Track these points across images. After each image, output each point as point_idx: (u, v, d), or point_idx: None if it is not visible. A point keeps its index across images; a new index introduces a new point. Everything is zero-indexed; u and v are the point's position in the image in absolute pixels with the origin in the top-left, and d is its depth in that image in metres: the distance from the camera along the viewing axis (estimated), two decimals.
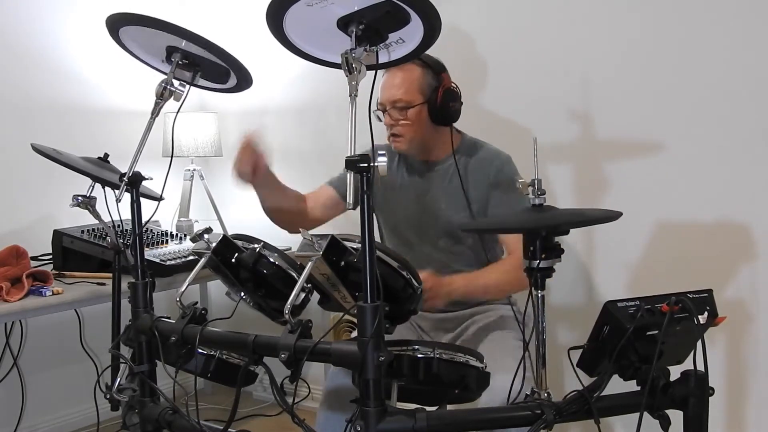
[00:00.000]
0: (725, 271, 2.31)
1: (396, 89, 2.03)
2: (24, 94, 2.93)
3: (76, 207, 1.83)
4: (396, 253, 1.49)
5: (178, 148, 3.13)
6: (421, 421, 1.33)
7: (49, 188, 2.93)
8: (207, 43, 1.76)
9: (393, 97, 2.04)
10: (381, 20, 1.41)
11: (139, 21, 1.76)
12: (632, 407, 1.41)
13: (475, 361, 1.52)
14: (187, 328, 1.58)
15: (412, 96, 2.03)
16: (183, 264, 2.61)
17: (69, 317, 2.91)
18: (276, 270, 1.55)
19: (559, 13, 2.54)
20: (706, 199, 2.32)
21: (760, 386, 2.31)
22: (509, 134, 2.17)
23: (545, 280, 1.45)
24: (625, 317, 1.39)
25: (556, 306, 2.56)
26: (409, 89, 2.03)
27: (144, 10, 1.77)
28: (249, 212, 3.51)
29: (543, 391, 1.45)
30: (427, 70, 2.04)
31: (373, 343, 1.30)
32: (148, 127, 1.80)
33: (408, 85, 2.03)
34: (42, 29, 2.98)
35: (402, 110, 2.04)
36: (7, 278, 2.29)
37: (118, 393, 1.75)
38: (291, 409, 1.40)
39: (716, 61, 2.27)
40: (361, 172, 1.30)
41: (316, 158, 3.24)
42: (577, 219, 1.58)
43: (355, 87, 1.38)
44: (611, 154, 2.47)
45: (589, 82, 2.48)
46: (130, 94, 3.24)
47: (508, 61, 2.62)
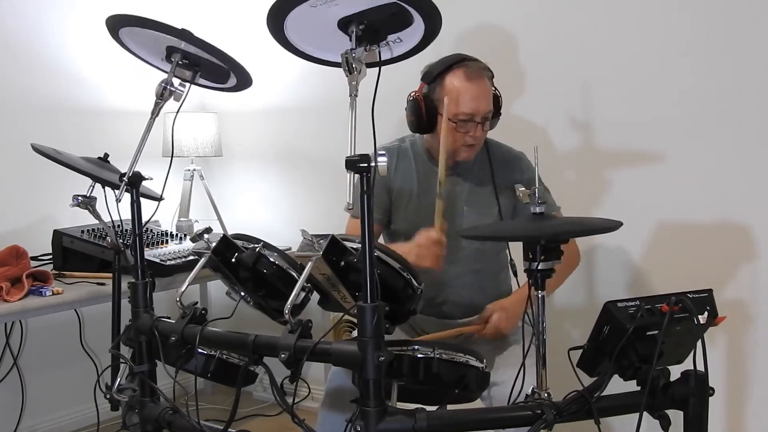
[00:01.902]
0: (725, 271, 2.31)
1: (482, 101, 1.98)
2: (24, 94, 2.93)
3: (76, 207, 1.83)
4: (396, 254, 1.49)
5: (178, 148, 3.13)
6: (421, 421, 1.33)
7: (49, 188, 2.93)
8: (205, 45, 1.76)
9: (485, 109, 1.99)
10: (385, 22, 1.41)
11: (138, 23, 1.76)
12: (632, 407, 1.41)
13: (475, 361, 1.52)
14: (187, 328, 1.58)
15: (491, 104, 2.02)
16: (183, 264, 2.61)
17: (69, 317, 2.91)
18: (276, 270, 1.55)
19: (557, 21, 2.55)
20: (706, 199, 2.32)
21: (760, 386, 2.31)
22: (510, 137, 2.17)
23: (545, 281, 1.45)
24: (625, 317, 1.39)
25: (557, 306, 2.56)
26: (490, 98, 2.01)
27: (144, 10, 1.77)
28: (249, 212, 3.54)
29: (543, 391, 1.45)
30: (490, 76, 2.04)
31: (373, 343, 1.30)
32: (148, 127, 1.80)
33: (489, 94, 2.01)
34: (41, 29, 2.98)
35: (484, 121, 2.01)
36: (7, 278, 2.29)
37: (118, 393, 1.75)
38: (291, 409, 1.40)
39: (716, 61, 2.27)
40: (360, 172, 1.30)
41: (317, 158, 3.24)
42: (577, 229, 1.57)
43: (355, 87, 1.38)
44: (612, 154, 2.47)
45: (590, 86, 2.49)
46: (129, 94, 3.24)
47: (509, 66, 2.63)
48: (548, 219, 1.52)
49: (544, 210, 1.51)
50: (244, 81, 1.90)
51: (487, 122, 2.02)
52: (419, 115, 2.01)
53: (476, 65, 2.00)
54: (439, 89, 2.00)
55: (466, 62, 2.00)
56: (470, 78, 1.97)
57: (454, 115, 1.97)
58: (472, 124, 1.99)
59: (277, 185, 3.43)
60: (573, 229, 1.55)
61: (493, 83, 2.04)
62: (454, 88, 1.97)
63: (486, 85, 2.01)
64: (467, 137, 2.00)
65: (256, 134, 3.45)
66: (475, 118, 1.98)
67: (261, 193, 3.48)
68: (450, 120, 1.97)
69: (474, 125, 1.99)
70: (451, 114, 1.97)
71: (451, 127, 1.98)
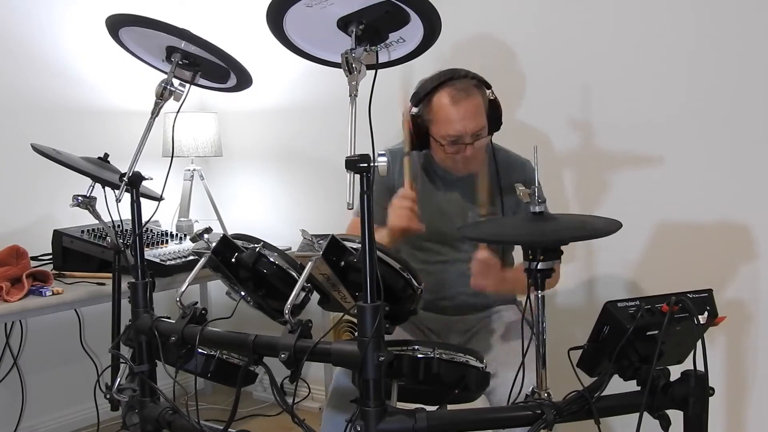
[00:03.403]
0: (725, 271, 2.31)
1: (468, 121, 1.93)
2: (24, 94, 2.93)
3: (76, 207, 1.83)
4: (396, 254, 1.49)
5: (178, 148, 3.13)
6: (421, 421, 1.34)
7: (49, 188, 2.93)
8: (206, 44, 1.76)
9: (474, 128, 1.94)
10: (381, 20, 1.41)
11: (138, 22, 1.76)
12: (632, 407, 1.41)
13: (475, 361, 1.52)
14: (187, 328, 1.58)
15: (483, 121, 1.97)
16: (183, 264, 2.61)
17: (69, 317, 2.91)
18: (276, 270, 1.55)
19: (558, 22, 2.54)
20: (706, 199, 2.32)
21: (760, 386, 2.31)
22: (511, 139, 2.17)
23: (545, 281, 1.45)
24: (625, 317, 1.39)
25: (557, 306, 2.56)
26: (480, 115, 1.96)
27: (144, 10, 1.77)
28: (249, 212, 3.54)
29: (543, 391, 1.45)
30: (482, 90, 1.99)
31: (373, 343, 1.30)
32: (148, 127, 1.80)
33: (479, 110, 1.96)
34: (41, 29, 2.98)
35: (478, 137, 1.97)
36: (7, 278, 2.29)
37: (118, 393, 1.75)
38: (291, 409, 1.40)
39: (716, 61, 2.27)
40: (361, 172, 1.30)
41: (317, 158, 3.24)
42: (578, 234, 1.57)
43: (355, 87, 1.38)
44: (612, 155, 2.47)
45: (590, 88, 2.49)
46: (129, 95, 3.24)
47: (509, 70, 2.63)
48: (549, 220, 1.51)
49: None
50: (244, 81, 1.90)
51: (481, 139, 1.98)
52: (411, 136, 2.00)
53: (464, 84, 1.95)
54: (427, 110, 1.98)
55: (452, 81, 1.95)
56: (456, 99, 1.93)
57: (441, 137, 1.96)
58: (461, 144, 1.96)
59: (277, 185, 3.43)
60: (573, 234, 1.54)
61: (489, 93, 1.99)
62: (441, 110, 1.94)
63: (474, 103, 1.95)
64: (457, 157, 1.99)
65: (256, 134, 3.45)
66: (464, 139, 1.95)
67: (261, 193, 3.48)
68: (439, 141, 1.97)
69: (463, 146, 1.96)
70: (439, 136, 1.96)
71: (441, 148, 1.98)
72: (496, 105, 2.01)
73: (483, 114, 1.97)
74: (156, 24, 1.73)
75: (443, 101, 1.94)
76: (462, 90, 1.94)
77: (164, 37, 1.77)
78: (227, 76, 1.90)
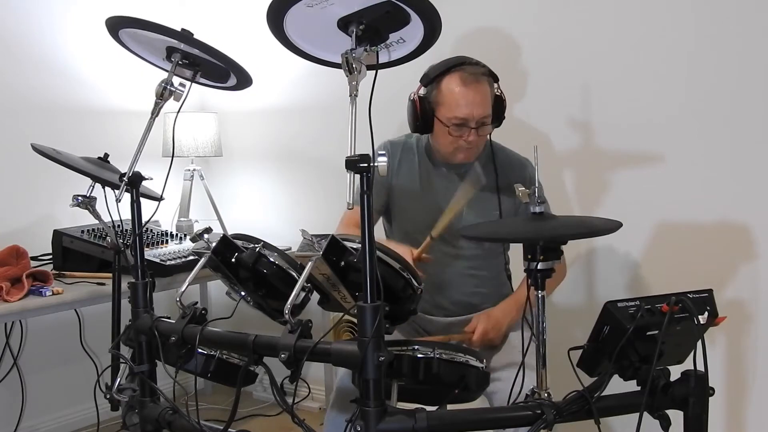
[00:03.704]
0: (725, 271, 2.31)
1: (476, 106, 1.96)
2: (24, 94, 2.93)
3: (76, 207, 1.83)
4: (396, 254, 1.49)
5: (178, 148, 3.13)
6: (421, 421, 1.34)
7: (49, 188, 2.93)
8: (204, 46, 1.76)
9: (480, 114, 1.97)
10: (381, 20, 1.41)
11: (137, 24, 1.76)
12: (632, 407, 1.41)
13: (475, 361, 1.52)
14: (187, 328, 1.58)
15: (489, 109, 2.00)
16: (183, 264, 2.61)
17: (69, 317, 2.91)
18: (276, 270, 1.55)
19: (558, 22, 2.54)
20: (706, 199, 2.32)
21: (760, 386, 2.31)
22: (511, 138, 2.17)
23: (545, 281, 1.45)
24: (625, 317, 1.39)
25: (557, 306, 2.56)
26: (487, 103, 1.99)
27: (144, 10, 1.77)
28: (249, 212, 3.54)
29: (543, 391, 1.45)
30: (491, 81, 2.02)
31: (373, 343, 1.30)
32: (148, 127, 1.80)
33: (487, 99, 1.99)
34: (41, 29, 2.98)
35: (482, 125, 2.00)
36: (7, 278, 2.29)
37: (118, 393, 1.75)
38: (291, 409, 1.40)
39: (716, 61, 2.27)
40: (360, 172, 1.30)
41: (317, 158, 3.24)
42: (577, 231, 1.58)
43: (355, 87, 1.38)
44: (613, 155, 2.47)
45: (591, 87, 2.49)
46: (129, 94, 3.24)
47: (510, 69, 2.63)
48: (548, 219, 1.52)
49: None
50: (243, 80, 1.90)
51: (485, 127, 2.00)
52: (416, 116, 2.01)
53: (475, 69, 1.98)
54: (435, 92, 2.00)
55: (464, 66, 1.98)
56: (466, 83, 1.96)
57: (447, 119, 1.97)
58: (466, 128, 1.98)
59: (277, 185, 3.43)
60: (572, 232, 1.55)
61: (495, 87, 2.02)
62: (450, 92, 1.97)
63: (483, 90, 1.98)
64: (461, 141, 2.00)
65: (256, 134, 3.45)
66: (469, 123, 1.97)
67: (261, 193, 3.48)
68: (444, 124, 1.98)
69: (468, 130, 1.98)
70: (445, 118, 1.97)
71: (445, 131, 1.99)
72: (501, 100, 2.03)
73: (489, 102, 2.00)
74: (155, 27, 1.73)
75: (453, 84, 1.97)
76: (472, 75, 1.97)
77: (164, 38, 1.77)
78: (227, 76, 1.90)
